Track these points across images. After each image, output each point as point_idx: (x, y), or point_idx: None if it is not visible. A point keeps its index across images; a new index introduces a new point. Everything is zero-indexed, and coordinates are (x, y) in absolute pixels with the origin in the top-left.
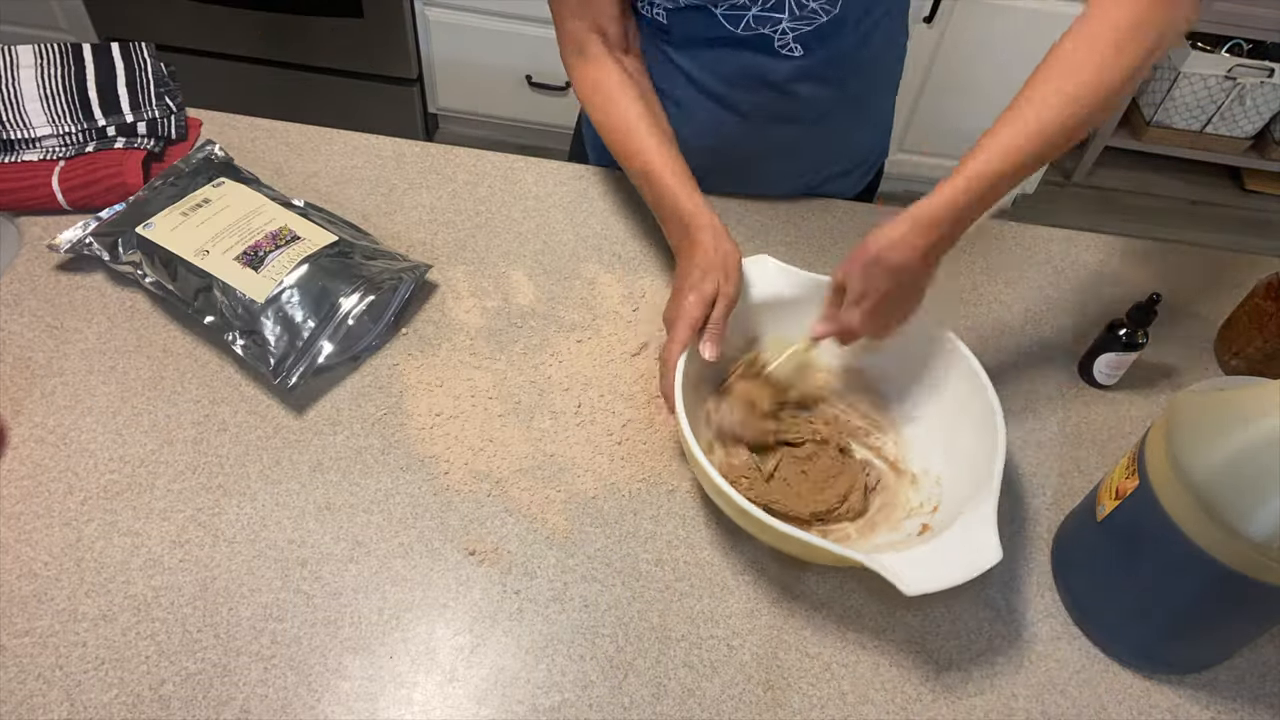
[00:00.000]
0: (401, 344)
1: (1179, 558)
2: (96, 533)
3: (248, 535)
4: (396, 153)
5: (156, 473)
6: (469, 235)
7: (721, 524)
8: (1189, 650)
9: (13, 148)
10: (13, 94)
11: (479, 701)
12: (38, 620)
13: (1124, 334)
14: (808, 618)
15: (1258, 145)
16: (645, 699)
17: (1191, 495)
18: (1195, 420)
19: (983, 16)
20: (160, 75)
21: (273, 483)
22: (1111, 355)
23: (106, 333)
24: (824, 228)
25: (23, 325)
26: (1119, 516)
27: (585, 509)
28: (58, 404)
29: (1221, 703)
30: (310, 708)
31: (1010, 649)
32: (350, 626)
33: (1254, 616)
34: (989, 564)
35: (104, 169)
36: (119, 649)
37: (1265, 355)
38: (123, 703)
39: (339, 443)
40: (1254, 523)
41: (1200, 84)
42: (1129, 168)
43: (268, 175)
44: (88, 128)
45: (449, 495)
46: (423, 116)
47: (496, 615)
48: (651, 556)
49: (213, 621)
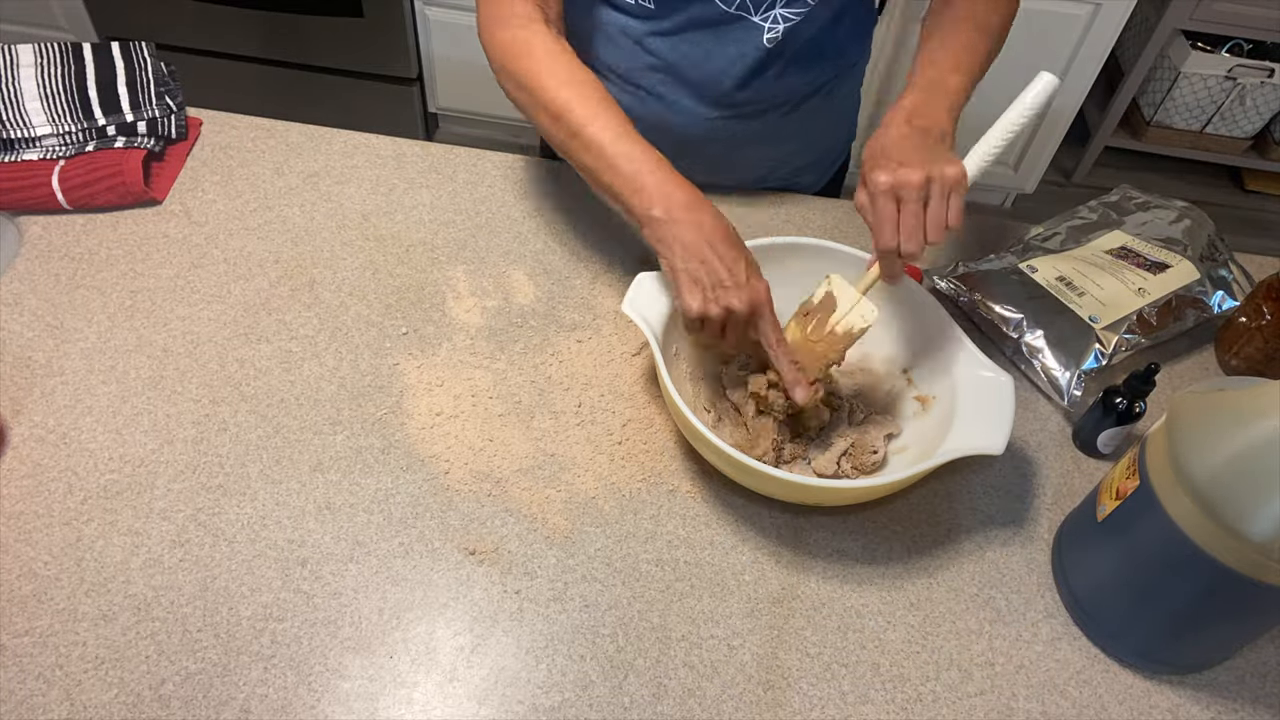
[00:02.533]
0: (402, 344)
1: (1179, 558)
2: (96, 532)
3: (248, 535)
4: (397, 152)
5: (156, 472)
6: (469, 235)
7: (722, 524)
8: (1189, 651)
9: (13, 147)
10: (13, 93)
11: (479, 701)
12: (37, 620)
13: (1120, 403)
14: (808, 618)
15: (1258, 145)
16: (645, 699)
17: (1192, 496)
18: (1196, 421)
19: None
20: (160, 74)
21: (273, 482)
22: (1111, 430)
23: (107, 332)
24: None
25: (23, 325)
26: (1119, 517)
27: (585, 509)
28: (58, 403)
29: (1222, 703)
30: (310, 707)
31: (1011, 649)
32: (350, 626)
33: (1254, 617)
34: (1009, 384)
35: (104, 168)
36: (119, 649)
37: (1266, 356)
38: (123, 702)
39: (339, 442)
40: (1255, 523)
41: (1200, 84)
42: (1129, 168)
43: (268, 175)
44: (88, 127)
45: (449, 495)
46: (422, 116)
47: (497, 615)
48: (652, 556)
49: (213, 621)
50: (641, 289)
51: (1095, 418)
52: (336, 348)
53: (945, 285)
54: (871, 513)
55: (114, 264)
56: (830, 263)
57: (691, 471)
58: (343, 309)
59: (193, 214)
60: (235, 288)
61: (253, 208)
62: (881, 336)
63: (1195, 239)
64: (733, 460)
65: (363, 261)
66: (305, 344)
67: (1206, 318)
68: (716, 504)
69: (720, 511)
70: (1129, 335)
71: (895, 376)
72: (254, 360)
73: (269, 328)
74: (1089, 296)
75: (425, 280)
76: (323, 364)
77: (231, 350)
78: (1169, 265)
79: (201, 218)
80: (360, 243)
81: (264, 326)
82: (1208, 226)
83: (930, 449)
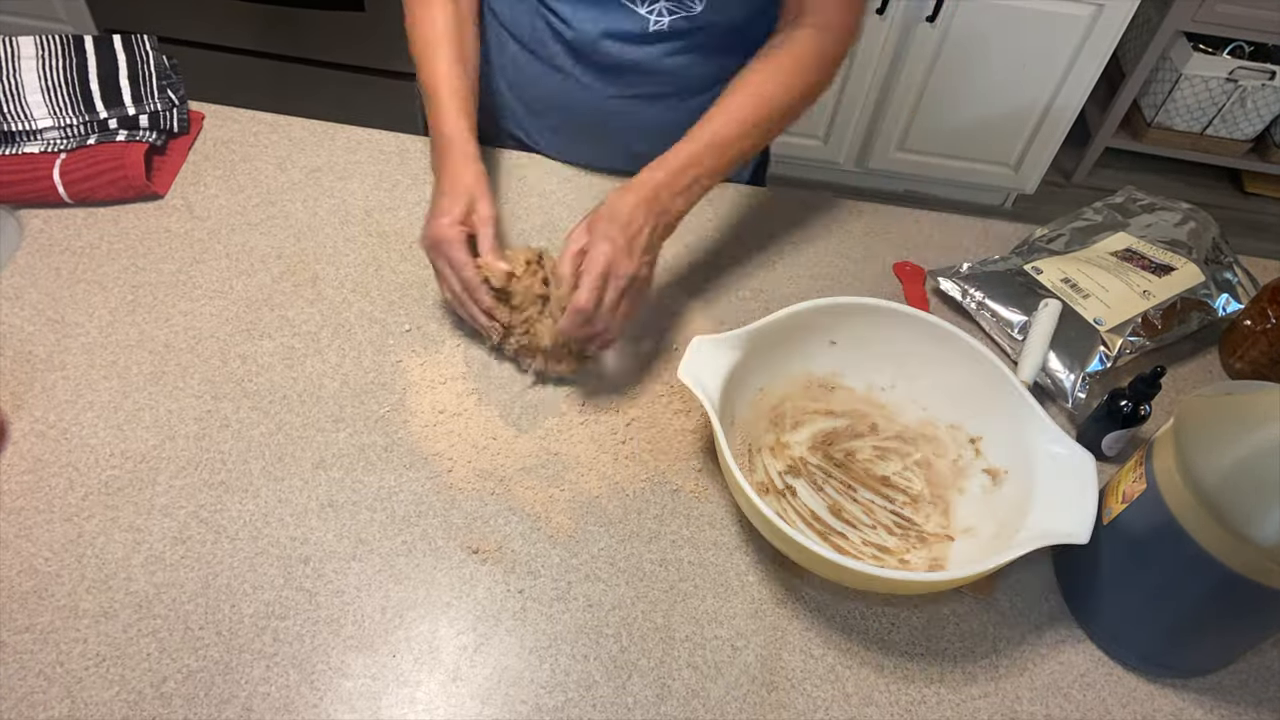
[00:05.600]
0: (405, 341)
1: (1185, 562)
2: (97, 529)
3: (250, 532)
4: (400, 148)
5: (158, 469)
6: None
7: (725, 525)
8: (1193, 655)
9: (14, 139)
10: (14, 85)
11: (482, 701)
12: (38, 617)
13: (1125, 405)
14: (812, 619)
15: (1258, 148)
16: (649, 699)
17: (1199, 499)
18: (1204, 425)
19: (985, 16)
20: (163, 68)
21: (275, 479)
22: (1116, 433)
23: (108, 327)
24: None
25: (24, 319)
26: (1125, 520)
27: (589, 508)
28: (59, 398)
29: (1225, 707)
30: (313, 706)
31: (1014, 652)
32: (353, 625)
33: (1260, 621)
34: (1090, 462)
35: (105, 162)
36: (120, 646)
37: (1271, 359)
38: (124, 700)
39: (342, 440)
40: (1262, 527)
41: (1201, 86)
42: (1129, 169)
43: (270, 169)
44: (89, 120)
45: (452, 493)
46: (422, 112)
47: (500, 614)
48: (655, 556)
49: (215, 619)
50: (700, 354)
51: (1100, 420)
52: (339, 344)
53: (949, 286)
54: None
55: (115, 258)
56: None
57: (695, 471)
58: (345, 305)
59: (195, 208)
60: (237, 283)
61: (255, 202)
62: (941, 398)
63: (1200, 241)
64: (803, 548)
65: (366, 257)
66: (308, 340)
67: (1211, 321)
68: (720, 504)
69: (724, 512)
70: (1134, 338)
71: (963, 444)
72: (256, 356)
73: (271, 324)
74: (1094, 299)
75: (428, 277)
76: (325, 360)
77: (233, 346)
78: (1174, 268)
79: (203, 212)
80: (363, 238)
81: (266, 322)
82: (1212, 229)
83: (1005, 530)
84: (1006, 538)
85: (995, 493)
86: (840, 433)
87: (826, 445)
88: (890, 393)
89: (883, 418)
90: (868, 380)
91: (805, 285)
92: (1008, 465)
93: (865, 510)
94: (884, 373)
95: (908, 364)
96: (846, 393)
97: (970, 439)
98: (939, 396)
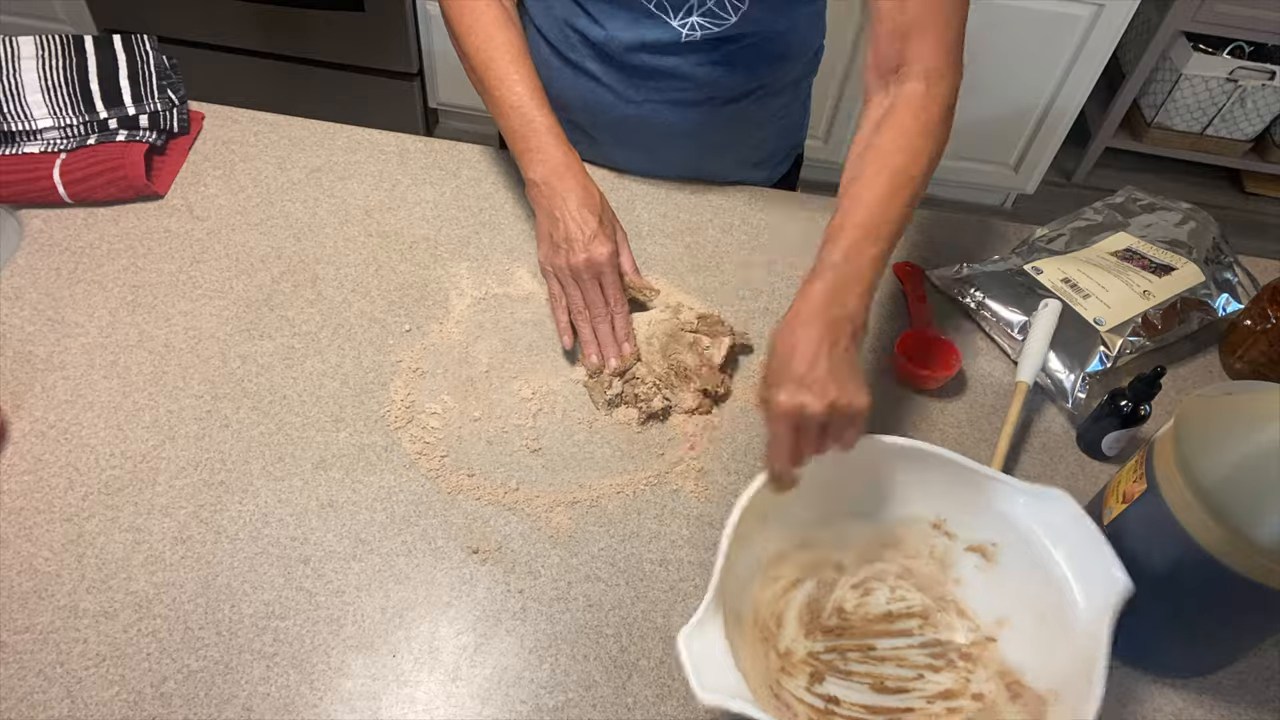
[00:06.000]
0: (405, 340)
1: (1186, 562)
2: (97, 529)
3: (250, 532)
4: (400, 148)
5: (158, 469)
6: (472, 232)
7: (725, 524)
8: (1194, 655)
9: (14, 139)
10: (14, 85)
11: (482, 701)
12: (38, 616)
13: (1125, 405)
14: None
15: (1258, 148)
16: (649, 699)
17: (1200, 500)
18: (1205, 425)
19: (985, 16)
20: (163, 68)
21: (275, 479)
22: (1116, 433)
23: (108, 327)
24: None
25: (24, 319)
26: (1126, 520)
27: (589, 508)
28: (59, 398)
29: (1225, 707)
30: (313, 706)
31: None
32: (353, 625)
33: (1260, 622)
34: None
35: (105, 162)
36: (120, 646)
37: (1271, 359)
38: (124, 700)
39: (342, 440)
40: (1263, 528)
41: (1201, 86)
42: (1129, 169)
43: (270, 170)
44: (89, 120)
45: (452, 494)
46: (423, 111)
47: (500, 614)
48: (655, 556)
49: (214, 619)
50: (694, 652)
51: (1100, 420)
52: (339, 344)
53: (949, 286)
54: None
55: (115, 258)
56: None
57: (695, 471)
58: (345, 305)
59: (194, 208)
60: (237, 283)
61: (255, 203)
62: (875, 501)
63: (1200, 241)
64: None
65: (365, 257)
66: (307, 340)
67: (1211, 321)
68: (720, 504)
69: (724, 511)
70: (1134, 338)
71: (928, 534)
72: (256, 356)
73: (271, 324)
74: (1094, 299)
75: (428, 277)
76: (325, 360)
77: (233, 346)
78: (1174, 268)
79: (203, 212)
80: (363, 239)
81: (266, 322)
82: (1213, 229)
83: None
84: (1058, 619)
85: (998, 568)
86: (816, 596)
87: (816, 619)
88: (826, 525)
89: (837, 551)
90: (801, 530)
91: None
92: (993, 538)
93: (899, 663)
94: (811, 509)
95: (827, 492)
96: (793, 553)
97: (932, 524)
98: (873, 501)
